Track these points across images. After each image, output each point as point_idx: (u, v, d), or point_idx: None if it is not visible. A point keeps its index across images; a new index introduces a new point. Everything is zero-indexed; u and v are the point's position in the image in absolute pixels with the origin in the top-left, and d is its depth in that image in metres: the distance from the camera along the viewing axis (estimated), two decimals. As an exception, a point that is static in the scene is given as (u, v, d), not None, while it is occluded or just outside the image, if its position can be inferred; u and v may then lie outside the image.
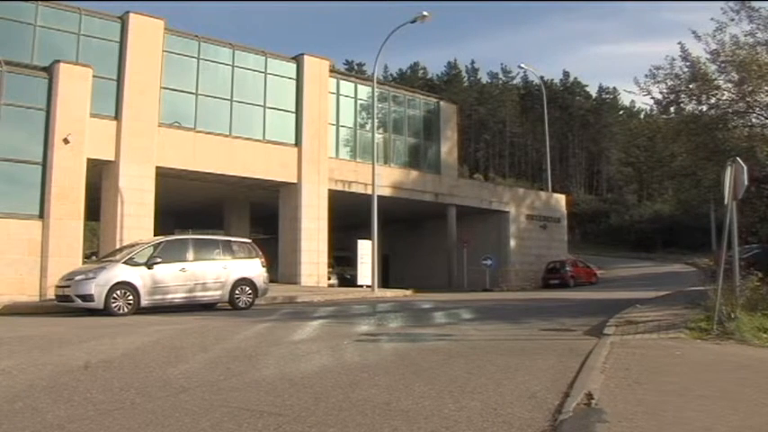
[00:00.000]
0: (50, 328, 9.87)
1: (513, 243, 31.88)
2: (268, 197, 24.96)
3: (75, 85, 16.65)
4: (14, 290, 14.99)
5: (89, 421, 4.25)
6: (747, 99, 12.73)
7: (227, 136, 22.08)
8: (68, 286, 12.88)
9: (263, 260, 15.12)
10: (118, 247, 17.11)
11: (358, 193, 25.18)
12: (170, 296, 13.43)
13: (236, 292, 14.29)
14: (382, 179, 24.63)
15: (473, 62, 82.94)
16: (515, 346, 7.83)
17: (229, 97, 22.35)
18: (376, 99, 24.72)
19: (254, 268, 14.74)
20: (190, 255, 13.94)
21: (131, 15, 20.19)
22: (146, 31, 20.37)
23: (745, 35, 12.88)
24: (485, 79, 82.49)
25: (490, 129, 75.69)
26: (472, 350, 7.45)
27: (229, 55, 22.64)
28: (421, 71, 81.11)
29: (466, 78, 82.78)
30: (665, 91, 14.11)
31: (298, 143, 23.73)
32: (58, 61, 16.60)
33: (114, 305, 12.60)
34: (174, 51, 21.29)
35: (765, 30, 12.77)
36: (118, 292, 12.71)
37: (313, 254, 23.54)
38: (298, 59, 24.23)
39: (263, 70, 23.35)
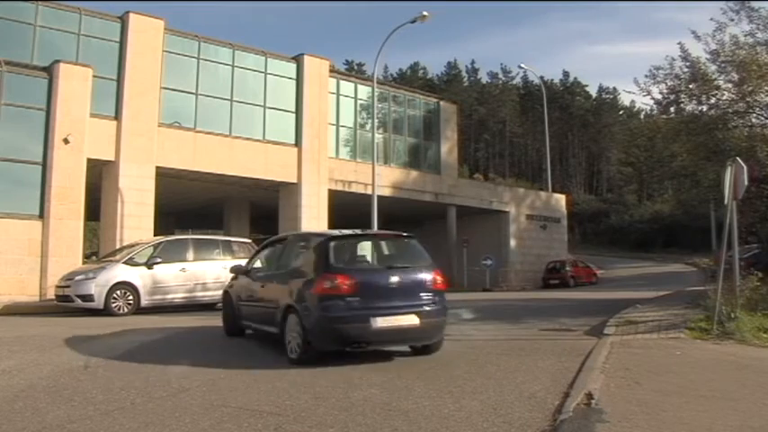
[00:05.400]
0: (50, 328, 9.86)
1: (513, 243, 31.85)
2: (268, 197, 24.94)
3: (75, 85, 16.64)
4: (14, 290, 15.00)
5: (89, 421, 4.26)
6: (747, 99, 12.70)
7: (227, 136, 22.05)
8: (68, 286, 12.89)
9: (263, 260, 15.09)
10: (118, 247, 17.08)
11: (358, 193, 25.15)
12: (170, 296, 13.44)
13: (237, 292, 14.26)
14: (382, 179, 24.60)
15: (473, 62, 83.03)
16: (515, 346, 7.82)
17: (229, 97, 22.32)
18: (376, 99, 24.69)
19: (254, 268, 14.71)
20: (190, 255, 13.95)
21: (131, 15, 20.15)
22: (146, 31, 20.34)
23: (745, 35, 12.86)
24: (485, 79, 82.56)
25: (490, 129, 75.69)
26: (472, 350, 7.45)
27: (229, 55, 22.62)
28: (421, 71, 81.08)
29: (466, 78, 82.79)
30: (665, 91, 14.07)
31: (298, 143, 23.71)
32: (58, 61, 16.59)
33: (114, 305, 12.62)
34: (174, 51, 21.25)
35: (765, 30, 12.75)
36: (118, 292, 12.73)
37: (313, 254, 23.47)
38: (298, 59, 24.21)
39: (263, 70, 23.32)
